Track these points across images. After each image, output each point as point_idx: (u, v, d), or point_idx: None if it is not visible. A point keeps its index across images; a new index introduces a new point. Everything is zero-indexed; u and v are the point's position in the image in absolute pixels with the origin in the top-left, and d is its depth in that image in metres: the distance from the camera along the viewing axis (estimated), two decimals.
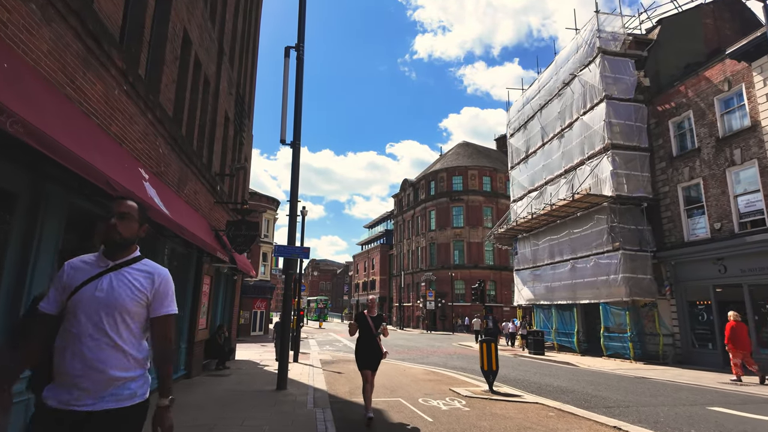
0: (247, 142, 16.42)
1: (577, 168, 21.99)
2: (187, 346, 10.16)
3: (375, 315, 7.17)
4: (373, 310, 7.22)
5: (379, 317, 7.19)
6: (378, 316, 7.20)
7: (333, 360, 16.53)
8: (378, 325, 7.02)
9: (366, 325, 6.99)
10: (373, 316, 7.12)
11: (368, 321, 7.00)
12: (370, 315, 7.11)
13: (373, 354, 6.99)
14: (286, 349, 9.30)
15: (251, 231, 11.26)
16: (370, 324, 6.98)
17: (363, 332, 7.01)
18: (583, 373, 13.91)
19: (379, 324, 7.06)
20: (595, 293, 20.24)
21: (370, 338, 6.96)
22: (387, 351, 7.17)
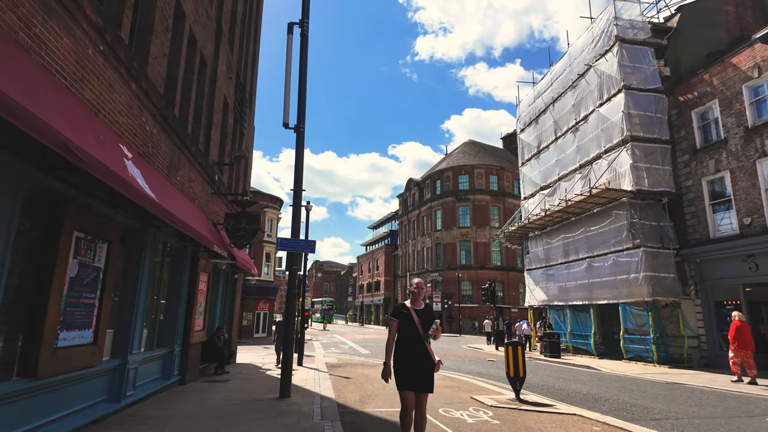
0: (248, 133, 15.56)
1: (593, 162, 21.02)
2: (181, 349, 9.27)
3: (422, 308, 4.90)
4: (419, 299, 4.94)
5: (428, 311, 4.89)
6: (426, 309, 4.92)
7: (339, 363, 15.62)
8: (428, 324, 4.74)
9: (410, 325, 4.72)
10: (419, 308, 4.87)
11: (413, 318, 4.72)
12: (415, 307, 4.86)
13: (422, 367, 4.64)
14: (290, 353, 8.40)
15: (252, 224, 10.39)
16: (416, 322, 4.71)
17: (405, 334, 4.74)
18: (609, 378, 12.94)
19: (430, 321, 4.77)
20: (614, 293, 19.26)
21: (416, 344, 4.68)
22: (440, 360, 4.81)
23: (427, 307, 4.96)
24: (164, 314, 8.67)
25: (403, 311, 4.81)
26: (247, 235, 10.39)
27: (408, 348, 4.69)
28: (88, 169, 4.02)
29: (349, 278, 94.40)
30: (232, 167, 12.93)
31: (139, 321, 6.96)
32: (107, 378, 6.24)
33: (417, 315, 4.75)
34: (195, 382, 9.85)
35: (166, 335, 8.70)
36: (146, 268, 7.14)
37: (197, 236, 7.18)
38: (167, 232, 7.99)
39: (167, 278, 8.78)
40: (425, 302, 5.04)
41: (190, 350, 9.49)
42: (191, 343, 9.53)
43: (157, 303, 8.15)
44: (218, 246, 8.87)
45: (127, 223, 6.58)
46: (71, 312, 5.15)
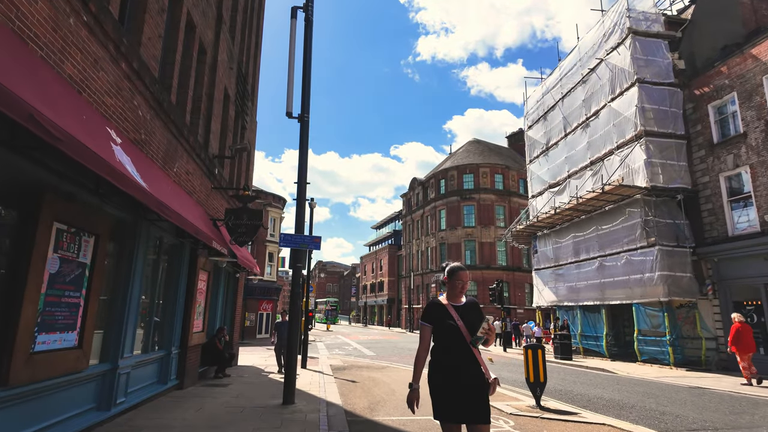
0: (251, 127, 15.06)
1: (604, 159, 20.42)
2: (179, 352, 8.75)
3: (464, 304, 3.53)
4: (461, 294, 3.57)
5: (473, 309, 3.54)
6: (470, 305, 3.55)
7: (344, 366, 15.09)
8: (476, 324, 3.36)
9: (450, 328, 3.38)
10: (458, 305, 3.50)
11: (454, 318, 3.38)
12: (454, 303, 3.51)
13: (470, 387, 3.30)
14: (294, 356, 7.87)
15: (254, 220, 9.86)
16: (459, 324, 3.36)
17: (444, 342, 3.41)
18: (627, 381, 12.36)
19: (478, 321, 3.40)
20: (627, 293, 18.66)
21: (460, 353, 3.34)
22: (496, 377, 3.43)
23: (471, 302, 3.55)
24: (160, 315, 8.15)
25: (439, 311, 3.43)
26: (249, 231, 9.88)
27: (449, 360, 3.31)
28: (64, 149, 3.50)
29: (353, 279, 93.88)
30: (234, 161, 12.42)
31: (132, 322, 6.44)
32: (95, 384, 5.73)
33: (458, 313, 3.38)
34: (194, 386, 9.33)
35: (162, 337, 8.18)
36: (139, 265, 6.62)
37: (194, 231, 6.66)
38: (163, 226, 7.47)
39: (164, 276, 8.27)
40: (471, 298, 3.62)
41: (188, 353, 8.97)
42: (190, 345, 9.01)
43: (152, 303, 7.63)
44: (218, 242, 8.36)
45: (117, 215, 6.06)
46: (51, 312, 4.63)
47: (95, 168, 4.00)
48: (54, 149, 3.58)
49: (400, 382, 11.21)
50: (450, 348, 3.37)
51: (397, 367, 15.17)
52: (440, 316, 3.45)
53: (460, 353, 3.35)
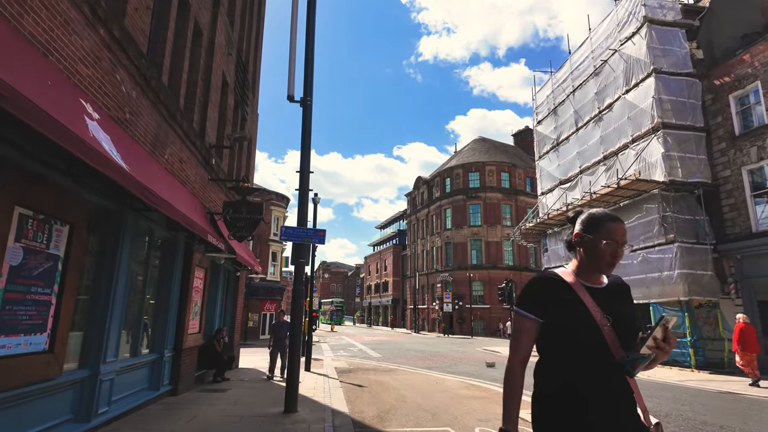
0: (252, 119, 14.43)
1: (619, 153, 19.67)
2: (172, 355, 8.11)
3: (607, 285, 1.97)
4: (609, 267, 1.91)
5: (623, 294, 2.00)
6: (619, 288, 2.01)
7: (350, 368, 14.42)
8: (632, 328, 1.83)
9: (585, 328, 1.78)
10: (598, 286, 1.94)
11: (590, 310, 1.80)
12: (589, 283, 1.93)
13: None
14: (297, 359, 7.21)
15: (254, 214, 9.21)
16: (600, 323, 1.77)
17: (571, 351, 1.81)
18: (651, 385, 11.63)
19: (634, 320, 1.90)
20: (644, 292, 17.90)
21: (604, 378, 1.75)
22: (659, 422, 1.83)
23: (618, 284, 2.04)
24: (151, 315, 7.52)
25: (559, 293, 1.89)
26: (248, 225, 9.22)
27: (579, 391, 1.76)
28: (13, 110, 2.85)
29: (357, 279, 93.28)
30: (234, 153, 11.79)
31: (116, 323, 5.80)
32: (73, 393, 5.09)
33: (597, 302, 1.85)
34: (189, 392, 8.68)
35: (153, 339, 7.55)
36: (125, 259, 5.98)
37: (185, 221, 6.01)
38: (153, 218, 6.84)
39: (155, 273, 7.64)
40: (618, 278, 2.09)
41: (183, 356, 8.33)
42: (184, 347, 8.37)
43: (142, 302, 6.99)
44: (213, 237, 7.71)
45: (98, 203, 5.42)
46: (13, 311, 3.98)
47: (60, 140, 3.36)
48: (14, 121, 2.94)
49: (411, 387, 10.53)
50: (583, 367, 1.77)
51: (405, 369, 14.49)
52: (561, 303, 1.84)
53: (602, 379, 1.75)
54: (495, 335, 42.64)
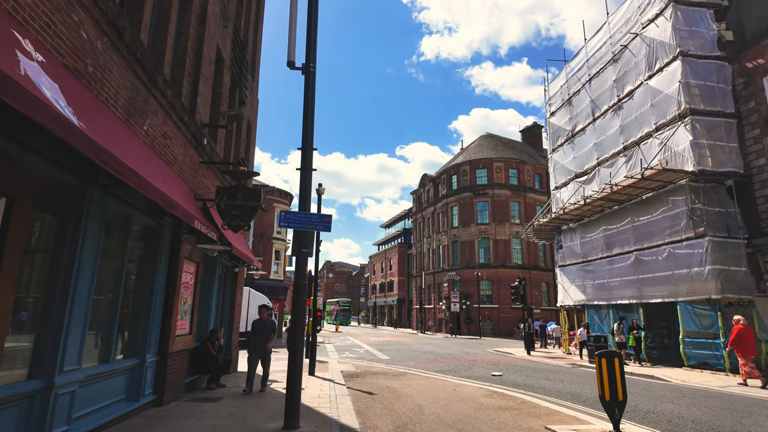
0: (251, 104, 13.41)
1: (640, 143, 18.51)
2: (157, 360, 7.08)
3: None
4: None
5: None
6: None
7: (357, 372, 13.37)
8: None
9: None
10: None
11: None
12: None
13: None
14: (299, 365, 6.16)
15: (251, 200, 8.18)
16: None
17: None
18: (691, 392, 10.51)
19: None
20: (670, 290, 16.77)
21: None
22: None
23: None
24: (131, 314, 6.50)
25: None
26: (244, 214, 8.19)
27: None
28: None
29: (361, 279, 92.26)
30: (231, 137, 10.76)
31: (77, 324, 4.77)
32: (16, 411, 4.06)
33: None
34: (177, 401, 7.64)
35: (132, 342, 6.52)
36: (89, 247, 4.95)
37: (163, 200, 4.97)
38: (130, 199, 5.81)
39: (135, 266, 6.62)
40: None
41: (169, 360, 7.30)
42: (171, 351, 7.34)
43: (116, 298, 5.96)
44: (203, 223, 6.68)
45: (50, 174, 4.39)
46: None
47: None
48: None
49: (426, 394, 9.46)
50: None
51: (416, 373, 13.42)
52: None
53: None
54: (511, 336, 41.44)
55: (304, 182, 6.52)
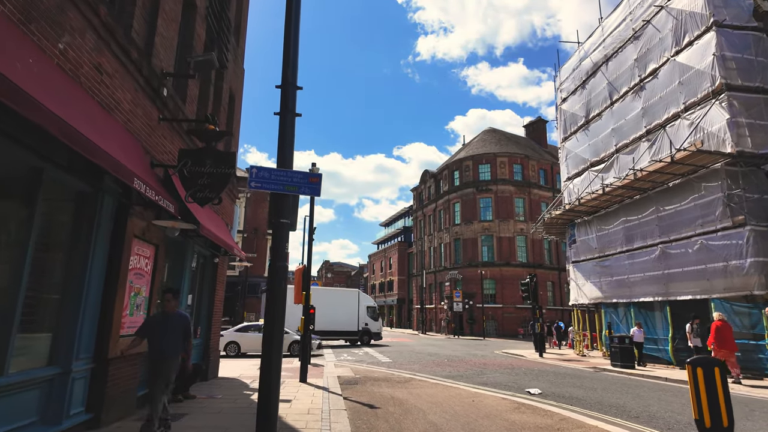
0: (235, 72, 11.73)
1: (666, 125, 16.86)
2: (92, 368, 5.41)
3: None
4: None
5: None
6: None
7: (356, 378, 11.70)
8: None
9: None
10: None
11: None
12: None
13: None
14: (276, 374, 4.48)
15: (221, 167, 6.52)
16: None
17: None
18: (760, 404, 8.85)
19: None
20: (702, 286, 15.13)
21: None
22: None
23: None
24: (43, 307, 4.81)
25: None
26: (214, 183, 6.52)
27: None
28: None
29: (360, 278, 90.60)
30: (205, 100, 9.05)
31: None
32: None
33: None
34: (122, 421, 5.94)
35: (50, 345, 4.84)
36: None
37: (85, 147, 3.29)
38: (32, 141, 4.12)
39: (51, 243, 4.93)
40: None
41: (111, 368, 5.62)
42: (113, 355, 5.65)
43: (17, 287, 4.24)
44: (150, 186, 5.01)
45: None
46: None
47: None
48: None
49: (440, 407, 7.80)
50: None
51: (423, 379, 11.76)
52: None
53: None
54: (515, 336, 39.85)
55: (285, 129, 4.85)
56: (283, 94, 4.93)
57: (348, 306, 28.52)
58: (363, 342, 27.87)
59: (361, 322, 28.41)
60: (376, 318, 29.50)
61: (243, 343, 19.09)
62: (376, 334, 28.88)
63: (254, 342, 18.63)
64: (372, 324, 28.91)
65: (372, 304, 30.54)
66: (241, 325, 20.78)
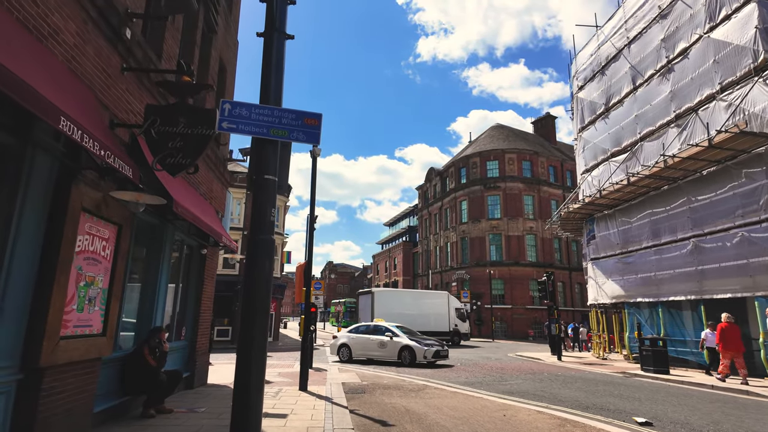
0: (225, 40, 10.43)
1: (698, 108, 15.48)
2: (20, 379, 4.09)
3: None
4: None
5: None
6: None
7: (363, 385, 10.36)
8: None
9: None
10: None
11: None
12: None
13: None
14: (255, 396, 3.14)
15: (199, 126, 5.23)
16: None
17: None
18: None
19: None
20: (744, 283, 13.72)
21: None
22: None
23: None
24: None
25: None
26: (189, 147, 5.24)
27: None
28: None
29: (364, 279, 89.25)
30: (188, 55, 7.74)
31: None
32: None
33: None
34: None
35: None
36: None
37: None
38: None
39: None
40: None
41: (46, 379, 4.30)
42: (49, 363, 4.32)
43: None
44: (101, 144, 3.69)
45: None
46: None
47: None
48: None
49: (466, 423, 6.45)
50: None
51: (438, 386, 10.41)
52: None
53: None
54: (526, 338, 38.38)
55: (271, 54, 3.53)
56: (269, 10, 3.60)
57: (438, 308, 29.43)
58: (454, 343, 28.35)
59: (451, 323, 29.28)
60: (464, 319, 30.46)
61: (353, 345, 17.14)
62: (465, 334, 29.98)
63: (363, 344, 16.86)
64: (461, 325, 29.86)
65: (459, 306, 31.42)
66: (354, 326, 19.14)
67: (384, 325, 17.43)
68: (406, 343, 15.84)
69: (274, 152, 3.43)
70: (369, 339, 16.77)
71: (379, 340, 16.39)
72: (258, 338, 3.18)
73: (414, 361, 15.28)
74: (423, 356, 15.21)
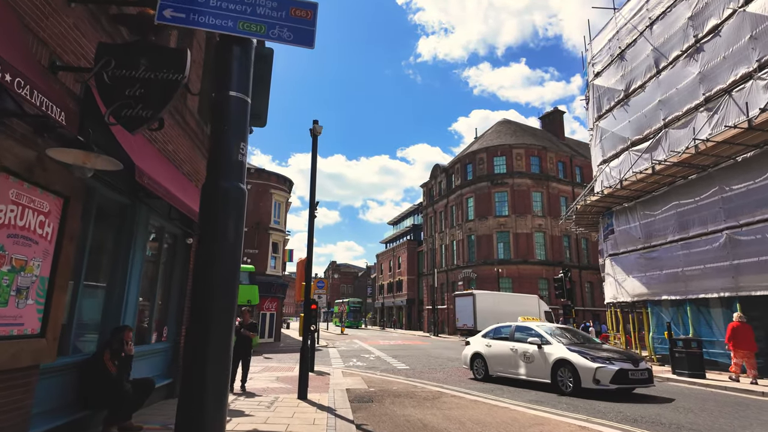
0: None
1: (731, 90, 14.22)
2: None
3: None
4: None
5: None
6: None
7: (370, 392, 9.19)
8: None
9: None
10: None
11: None
12: None
13: None
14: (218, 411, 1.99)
15: (164, 70, 4.08)
16: None
17: None
18: None
19: None
20: None
21: None
22: None
23: None
24: None
25: None
26: (152, 95, 4.11)
27: None
28: None
29: (368, 279, 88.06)
30: None
31: None
32: None
33: None
34: None
35: None
36: None
37: None
38: None
39: None
40: None
41: None
42: None
43: None
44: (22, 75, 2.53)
45: None
46: None
47: None
48: None
49: None
50: None
51: (455, 393, 9.22)
52: None
53: None
54: None
55: None
56: None
57: (528, 309, 29.68)
58: None
59: None
60: (552, 322, 30.18)
61: (489, 357, 11.75)
62: None
63: (501, 357, 11.41)
64: None
65: (548, 309, 31.86)
66: (493, 327, 12.96)
67: (528, 325, 11.90)
68: (562, 356, 9.74)
69: (246, 58, 2.30)
70: (509, 349, 11.16)
71: (523, 351, 10.75)
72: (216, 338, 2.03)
73: (579, 386, 9.20)
74: (593, 379, 9.02)
